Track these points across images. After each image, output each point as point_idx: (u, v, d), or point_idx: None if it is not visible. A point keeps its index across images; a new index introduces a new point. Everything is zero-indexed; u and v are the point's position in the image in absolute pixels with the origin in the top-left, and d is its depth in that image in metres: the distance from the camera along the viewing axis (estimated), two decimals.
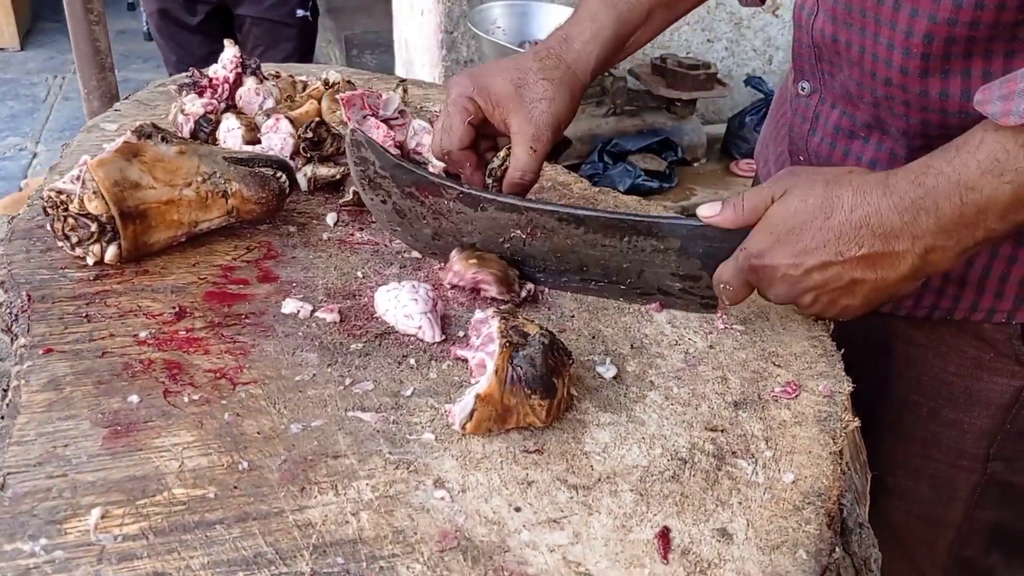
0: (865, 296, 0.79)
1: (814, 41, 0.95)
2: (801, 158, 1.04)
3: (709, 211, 0.85)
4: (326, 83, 1.27)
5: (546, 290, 0.98)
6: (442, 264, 0.98)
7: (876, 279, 0.77)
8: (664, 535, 0.68)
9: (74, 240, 0.91)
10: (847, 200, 0.76)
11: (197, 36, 2.80)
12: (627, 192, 2.38)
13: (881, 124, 0.92)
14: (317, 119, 1.12)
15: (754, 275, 0.83)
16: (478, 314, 0.87)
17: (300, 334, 0.87)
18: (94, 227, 0.90)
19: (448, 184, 0.94)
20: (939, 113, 0.85)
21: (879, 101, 0.90)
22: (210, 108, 1.19)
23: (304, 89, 1.30)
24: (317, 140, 1.11)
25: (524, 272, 0.97)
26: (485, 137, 1.02)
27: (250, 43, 2.83)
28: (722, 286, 0.87)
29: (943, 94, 0.84)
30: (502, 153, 0.99)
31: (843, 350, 0.91)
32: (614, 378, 0.85)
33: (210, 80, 1.23)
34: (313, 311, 0.90)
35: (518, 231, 0.93)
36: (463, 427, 0.75)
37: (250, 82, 1.23)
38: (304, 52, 2.91)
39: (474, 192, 0.94)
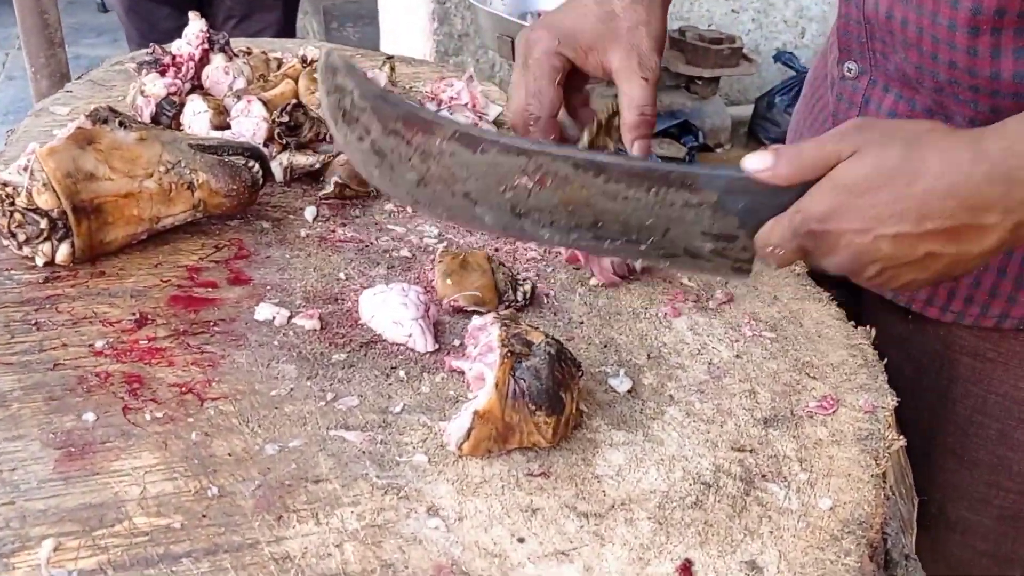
0: (937, 272, 0.78)
1: (866, 17, 0.95)
2: None
3: (758, 163, 0.80)
4: (304, 60, 1.28)
5: (552, 292, 0.99)
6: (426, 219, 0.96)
7: (955, 254, 0.76)
8: (686, 568, 0.68)
9: (21, 238, 0.92)
10: (933, 165, 0.74)
11: (165, 8, 2.80)
12: None
13: (945, 110, 0.92)
14: (294, 101, 1.13)
15: (812, 241, 0.80)
16: (475, 321, 0.87)
17: (276, 343, 0.87)
18: (44, 223, 0.90)
19: (443, 121, 0.89)
20: (1012, 97, 0.85)
21: (942, 86, 0.90)
22: (173, 89, 1.19)
23: (279, 67, 1.30)
24: (294, 125, 1.11)
25: (526, 229, 0.92)
26: (571, 91, 1.01)
27: (222, 14, 2.82)
28: (770, 249, 0.83)
29: (1017, 76, 0.84)
30: (606, 109, 0.98)
31: (898, 363, 0.91)
32: (629, 392, 0.85)
33: (173, 57, 1.23)
34: (290, 317, 0.90)
35: (524, 179, 0.89)
36: (460, 448, 0.75)
37: (218, 60, 1.24)
38: (284, 25, 2.91)
39: (473, 132, 0.89)
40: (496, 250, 1.05)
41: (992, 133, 0.75)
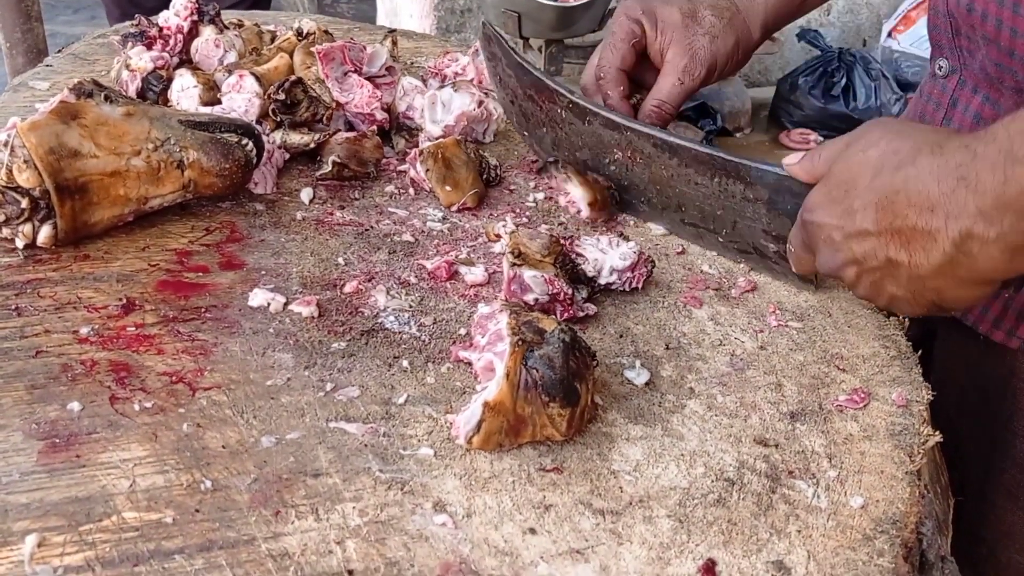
0: (906, 287, 0.77)
1: (949, 9, 0.95)
2: None
3: (791, 159, 0.88)
4: (299, 33, 1.28)
5: None
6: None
7: (910, 263, 0.75)
8: (709, 569, 0.69)
9: (0, 219, 0.92)
10: (901, 156, 0.74)
11: None
12: None
13: None
14: (293, 77, 1.13)
15: (806, 235, 0.85)
16: (482, 309, 0.88)
17: (271, 331, 0.87)
18: (25, 203, 0.90)
19: (560, 90, 1.04)
20: None
21: (1022, 86, 0.89)
22: (160, 63, 1.20)
23: (272, 40, 1.30)
24: (291, 103, 1.12)
25: (627, 200, 1.06)
26: (641, 72, 1.10)
27: None
28: (788, 247, 0.89)
29: None
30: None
31: (966, 389, 0.89)
32: (646, 384, 0.86)
33: (160, 30, 1.24)
34: (286, 304, 0.91)
35: (619, 153, 1.02)
36: (469, 441, 0.76)
37: (208, 32, 1.24)
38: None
39: (581, 102, 1.03)
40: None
41: (971, 133, 0.73)
